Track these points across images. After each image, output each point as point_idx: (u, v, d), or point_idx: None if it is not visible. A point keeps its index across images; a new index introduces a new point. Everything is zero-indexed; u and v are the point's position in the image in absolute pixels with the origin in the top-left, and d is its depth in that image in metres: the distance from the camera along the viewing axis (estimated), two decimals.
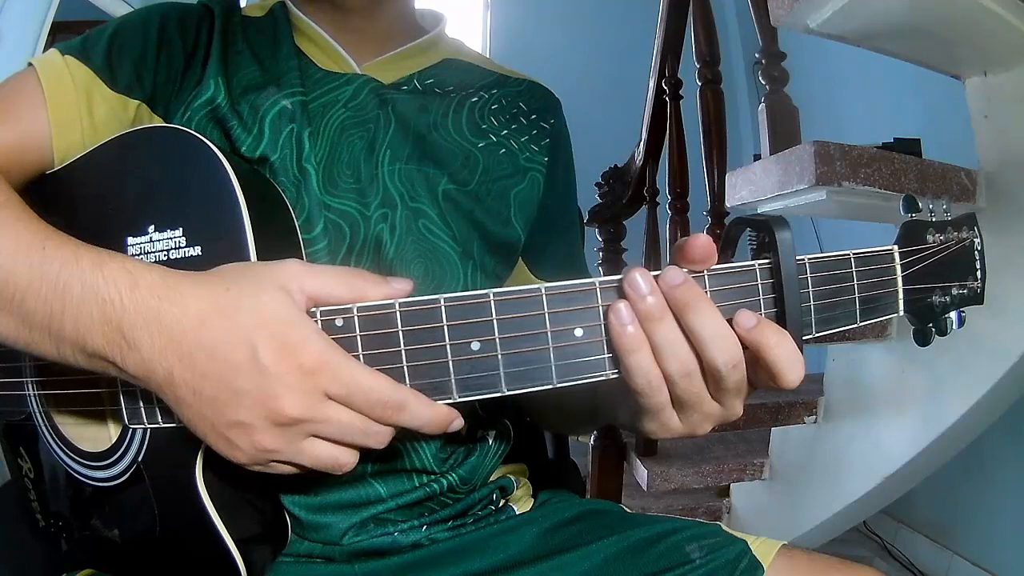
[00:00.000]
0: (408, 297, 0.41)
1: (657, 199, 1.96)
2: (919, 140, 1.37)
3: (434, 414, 0.40)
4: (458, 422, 0.42)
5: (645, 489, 1.66)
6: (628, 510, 0.65)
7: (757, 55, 1.41)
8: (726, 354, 0.39)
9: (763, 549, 0.56)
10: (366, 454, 0.42)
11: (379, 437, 0.41)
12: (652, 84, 1.90)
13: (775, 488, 1.67)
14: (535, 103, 0.69)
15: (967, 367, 1.22)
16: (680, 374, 0.40)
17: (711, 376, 0.40)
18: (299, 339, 0.38)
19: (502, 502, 0.65)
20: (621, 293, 0.40)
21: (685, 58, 1.82)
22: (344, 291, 0.41)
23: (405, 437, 0.57)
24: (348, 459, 0.41)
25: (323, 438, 0.40)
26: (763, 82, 1.39)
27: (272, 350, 0.38)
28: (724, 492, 1.81)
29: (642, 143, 1.95)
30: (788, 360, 0.39)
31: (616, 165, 2.07)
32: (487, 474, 0.63)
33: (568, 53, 3.51)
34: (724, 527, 0.59)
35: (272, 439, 0.39)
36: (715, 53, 1.64)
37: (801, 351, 0.41)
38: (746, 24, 2.16)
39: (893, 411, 1.39)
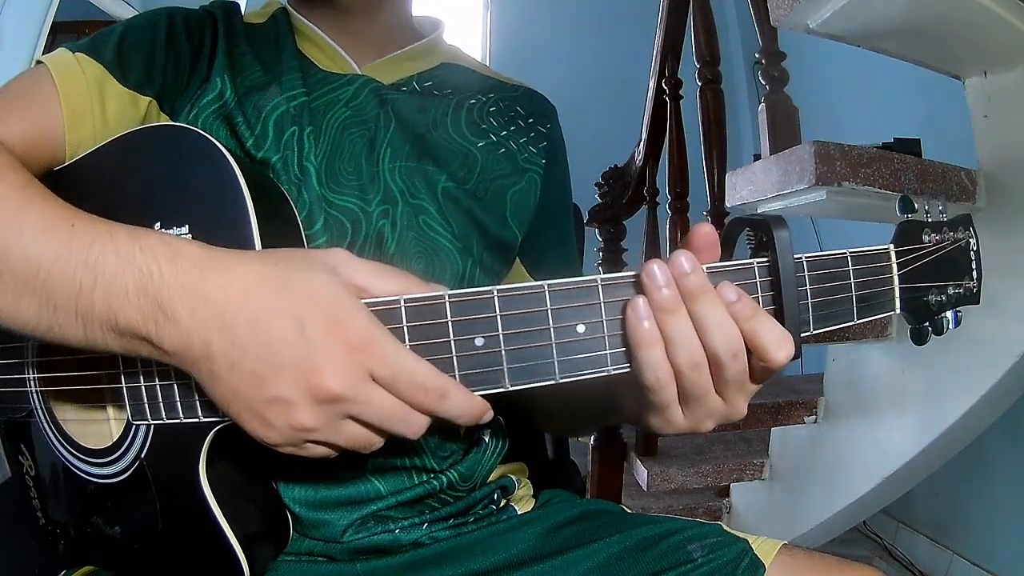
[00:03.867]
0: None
1: (657, 199, 1.96)
2: (919, 140, 1.37)
3: (472, 405, 0.40)
4: (489, 413, 0.41)
5: (645, 489, 1.66)
6: (628, 510, 0.65)
7: (757, 55, 1.41)
8: (728, 343, 0.40)
9: (764, 549, 0.56)
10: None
11: (415, 427, 0.39)
12: (652, 84, 1.91)
13: (775, 488, 1.67)
14: (532, 107, 0.70)
15: (967, 367, 1.22)
16: (689, 366, 0.40)
17: (714, 365, 0.41)
18: (348, 315, 0.37)
19: (503, 502, 0.65)
20: (638, 288, 0.40)
21: (685, 58, 1.82)
22: (392, 286, 0.40)
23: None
24: (379, 441, 0.40)
25: (361, 422, 0.39)
26: (763, 82, 1.39)
27: (320, 323, 0.37)
28: (724, 492, 1.81)
29: (642, 143, 1.95)
30: (775, 335, 0.40)
31: (616, 165, 2.07)
32: (487, 472, 0.63)
33: (568, 53, 3.51)
34: (724, 527, 0.59)
35: (311, 417, 0.37)
36: (715, 53, 1.64)
37: (799, 348, 0.41)
38: (746, 24, 2.16)
39: (893, 411, 1.39)
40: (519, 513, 0.64)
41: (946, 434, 1.27)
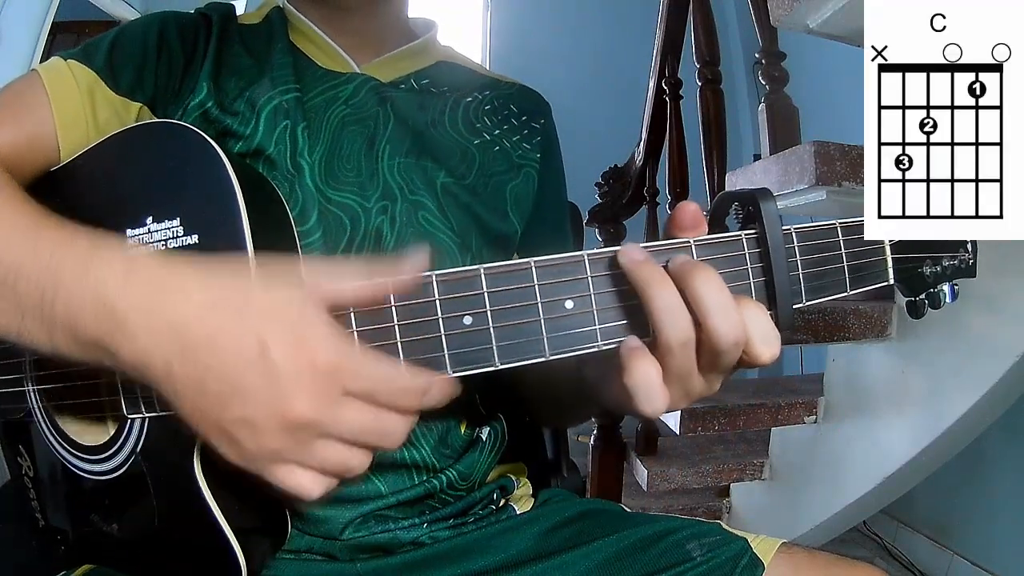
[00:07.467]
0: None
1: (657, 199, 1.96)
2: None
3: (452, 386, 0.39)
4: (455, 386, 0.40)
5: (645, 489, 1.66)
6: (628, 510, 0.65)
7: (757, 55, 1.42)
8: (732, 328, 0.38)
9: (763, 547, 0.56)
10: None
11: (394, 437, 0.38)
12: (652, 84, 1.91)
13: (775, 488, 1.67)
14: (526, 105, 0.71)
15: (967, 367, 1.22)
16: (679, 343, 0.38)
17: (707, 346, 0.39)
18: (313, 335, 0.36)
19: (502, 501, 0.65)
20: (613, 264, 0.40)
21: (685, 58, 1.82)
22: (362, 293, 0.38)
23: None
24: (358, 463, 0.38)
25: (336, 438, 0.38)
26: (763, 82, 1.39)
27: (283, 346, 0.35)
28: (724, 492, 1.81)
29: (642, 143, 1.95)
30: (762, 334, 0.39)
31: (616, 165, 2.07)
32: (485, 471, 0.63)
33: (568, 53, 3.52)
34: (723, 526, 0.59)
35: (279, 440, 0.36)
36: (715, 53, 1.64)
37: (791, 319, 0.41)
38: (746, 24, 2.16)
39: (893, 411, 1.39)
40: (518, 513, 0.64)
41: (946, 434, 1.27)
